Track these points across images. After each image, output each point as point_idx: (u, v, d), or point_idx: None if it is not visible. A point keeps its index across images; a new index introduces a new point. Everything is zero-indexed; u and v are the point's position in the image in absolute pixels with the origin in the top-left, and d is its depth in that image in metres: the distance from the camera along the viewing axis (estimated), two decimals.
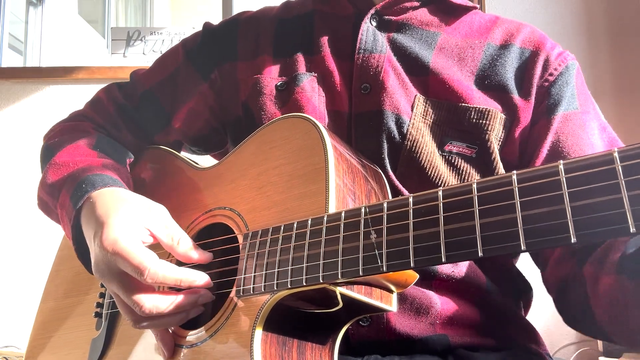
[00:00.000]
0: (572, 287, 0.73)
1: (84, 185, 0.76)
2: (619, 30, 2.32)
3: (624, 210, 0.37)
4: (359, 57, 0.81)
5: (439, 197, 0.48)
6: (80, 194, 0.75)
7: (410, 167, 0.76)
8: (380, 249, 0.51)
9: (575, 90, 0.81)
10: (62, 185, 0.80)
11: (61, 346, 0.88)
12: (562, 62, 0.81)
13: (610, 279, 0.64)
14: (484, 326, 0.77)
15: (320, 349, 0.64)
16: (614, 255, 0.65)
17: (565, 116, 0.78)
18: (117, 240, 0.64)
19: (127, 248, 0.63)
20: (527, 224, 0.42)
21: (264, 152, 0.72)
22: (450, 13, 0.87)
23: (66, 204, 0.77)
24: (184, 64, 0.95)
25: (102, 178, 0.77)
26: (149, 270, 0.62)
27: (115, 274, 0.65)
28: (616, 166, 0.38)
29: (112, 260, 0.64)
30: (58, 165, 0.83)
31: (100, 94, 1.01)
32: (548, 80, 0.80)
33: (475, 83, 0.80)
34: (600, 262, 0.67)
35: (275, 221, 0.65)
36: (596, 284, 0.67)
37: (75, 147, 0.87)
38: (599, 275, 0.66)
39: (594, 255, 0.69)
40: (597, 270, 0.67)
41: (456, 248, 0.45)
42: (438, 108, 0.78)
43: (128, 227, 0.67)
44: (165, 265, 0.63)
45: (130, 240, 0.65)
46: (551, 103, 0.79)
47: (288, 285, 0.58)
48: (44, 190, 0.85)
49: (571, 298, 0.73)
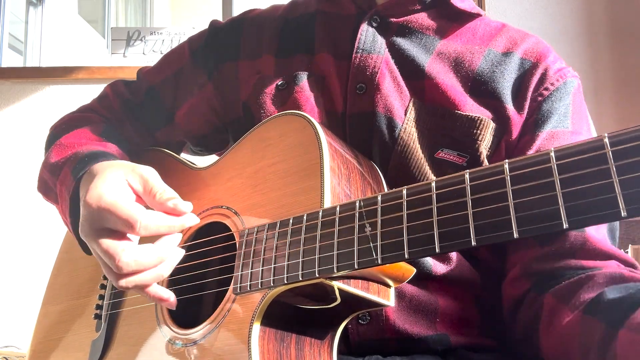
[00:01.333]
0: (524, 310, 0.73)
1: (86, 158, 0.75)
2: (619, 30, 2.32)
3: (615, 194, 0.37)
4: (356, 56, 0.80)
5: (432, 188, 0.48)
6: (81, 166, 0.74)
7: (399, 172, 0.76)
8: (374, 241, 0.51)
9: (570, 108, 0.78)
10: (65, 163, 0.79)
11: (62, 349, 0.88)
12: (560, 78, 0.79)
13: (575, 317, 0.63)
14: (484, 326, 0.77)
15: (319, 345, 0.64)
16: (585, 294, 0.64)
17: (552, 134, 0.76)
18: (101, 196, 0.63)
19: (114, 202, 0.62)
20: (519, 212, 0.42)
21: (260, 150, 0.73)
22: (454, 19, 0.85)
23: (67, 179, 0.77)
24: (188, 62, 0.95)
25: (105, 154, 0.77)
26: (140, 222, 0.60)
27: (96, 230, 0.63)
28: (607, 151, 0.38)
29: (97, 216, 0.63)
30: (63, 146, 0.83)
31: (107, 89, 1.02)
32: (542, 95, 0.78)
33: (470, 89, 0.79)
34: (567, 297, 0.66)
35: (272, 218, 0.65)
36: (554, 316, 0.66)
37: (82, 131, 0.87)
38: (561, 309, 0.66)
39: (560, 286, 0.68)
40: (560, 303, 0.66)
41: (450, 238, 0.45)
42: (431, 114, 0.77)
43: (112, 185, 0.65)
44: (154, 215, 0.62)
45: (116, 194, 0.63)
46: (539, 118, 0.77)
47: (284, 281, 0.58)
48: (45, 169, 0.85)
49: (519, 320, 0.73)
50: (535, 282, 0.72)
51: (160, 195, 0.65)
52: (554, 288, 0.69)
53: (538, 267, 0.72)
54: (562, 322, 0.65)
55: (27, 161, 2.43)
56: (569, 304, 0.65)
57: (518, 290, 0.74)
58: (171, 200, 0.65)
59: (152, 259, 0.62)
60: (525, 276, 0.73)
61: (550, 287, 0.69)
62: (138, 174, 0.68)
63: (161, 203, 0.65)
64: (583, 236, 0.71)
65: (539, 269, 0.72)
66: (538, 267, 0.72)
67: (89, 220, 0.64)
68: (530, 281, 0.73)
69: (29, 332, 0.96)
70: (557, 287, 0.68)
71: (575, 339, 0.62)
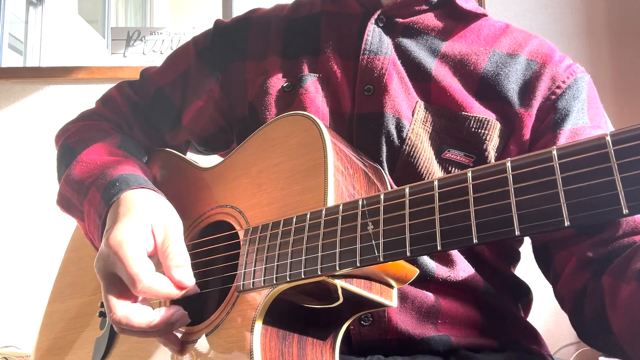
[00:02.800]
0: (588, 299, 0.71)
1: (117, 183, 0.75)
2: (619, 30, 2.32)
3: (616, 192, 0.37)
4: (363, 57, 0.80)
5: (434, 187, 0.49)
6: (113, 191, 0.74)
7: (407, 172, 0.76)
8: (377, 239, 0.51)
9: (585, 104, 0.78)
10: (92, 182, 0.78)
11: (67, 346, 0.88)
12: (570, 75, 0.79)
13: (631, 286, 0.62)
14: (485, 327, 0.77)
15: (321, 345, 0.64)
16: (636, 264, 0.63)
17: (574, 131, 0.75)
18: (122, 243, 0.63)
19: (129, 256, 0.63)
20: (521, 209, 0.42)
21: (265, 150, 0.73)
22: (459, 19, 0.85)
23: (96, 201, 0.76)
24: (195, 62, 0.95)
25: (136, 178, 0.77)
26: (143, 284, 0.61)
27: (107, 272, 0.65)
28: (609, 150, 0.38)
29: (111, 261, 0.64)
30: (86, 163, 0.82)
31: (112, 91, 1.01)
32: (555, 94, 0.78)
33: (476, 91, 0.79)
34: (621, 271, 0.65)
35: (276, 217, 0.65)
36: (615, 294, 0.65)
37: (102, 147, 0.86)
38: (619, 284, 0.64)
39: (613, 265, 0.67)
40: (617, 279, 0.65)
41: (451, 236, 0.46)
42: (438, 115, 0.77)
43: (136, 231, 0.66)
44: (158, 280, 0.63)
45: (134, 246, 0.64)
46: (557, 117, 0.76)
47: (287, 279, 0.58)
48: (68, 186, 0.84)
49: (587, 311, 0.71)
50: (594, 270, 0.71)
51: (170, 260, 0.65)
52: (610, 266, 0.68)
53: (594, 254, 0.71)
54: (623, 296, 0.63)
55: (27, 161, 2.43)
56: (624, 278, 0.64)
57: (579, 282, 0.72)
58: (177, 270, 0.65)
59: (142, 325, 0.63)
60: (583, 267, 0.72)
61: (607, 267, 0.68)
62: (163, 225, 0.68)
63: (168, 267, 0.65)
64: (634, 220, 0.70)
65: (595, 257, 0.71)
66: (594, 255, 0.71)
67: (105, 260, 0.65)
68: (589, 270, 0.71)
69: (29, 332, 0.96)
70: (611, 267, 0.68)
71: (638, 308, 0.61)
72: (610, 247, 0.70)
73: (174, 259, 0.65)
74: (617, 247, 0.69)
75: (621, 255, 0.68)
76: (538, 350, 0.81)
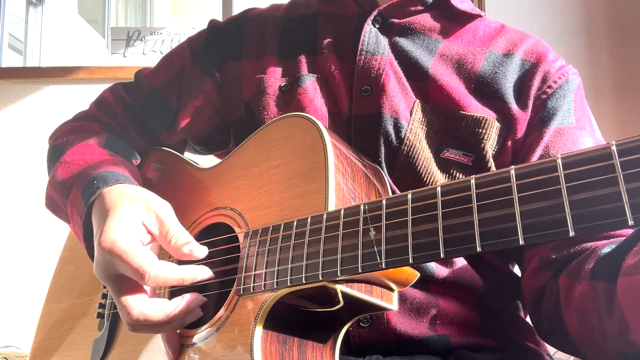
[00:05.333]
0: (546, 298, 0.73)
1: (95, 181, 0.74)
2: (619, 30, 2.32)
3: (622, 203, 0.37)
4: (360, 58, 0.80)
5: (437, 194, 0.48)
6: (91, 190, 0.74)
7: (406, 172, 0.76)
8: (379, 246, 0.51)
9: (572, 104, 0.80)
10: (73, 182, 0.78)
11: (64, 347, 0.88)
12: (562, 76, 0.81)
13: (584, 286, 0.64)
14: (484, 327, 0.77)
15: (321, 348, 0.64)
16: (589, 264, 0.65)
17: (558, 130, 0.77)
18: (115, 242, 0.63)
19: (126, 250, 0.62)
20: (525, 219, 0.42)
21: (265, 151, 0.73)
22: (455, 20, 0.86)
23: (77, 202, 0.76)
24: (190, 62, 0.95)
25: (114, 174, 0.76)
26: (150, 274, 0.60)
27: (110, 275, 0.64)
28: (614, 161, 0.38)
29: (110, 262, 0.63)
30: (68, 164, 0.82)
31: (105, 94, 1.00)
32: (546, 93, 0.79)
33: (473, 90, 0.80)
34: (576, 272, 0.67)
35: (276, 220, 0.65)
36: (569, 293, 0.67)
37: (85, 146, 0.86)
38: (573, 284, 0.66)
39: (569, 266, 0.69)
40: (572, 280, 0.67)
41: (455, 244, 0.45)
42: (436, 115, 0.78)
43: (126, 227, 0.65)
44: (165, 266, 0.62)
45: (129, 241, 0.63)
46: (545, 115, 0.78)
47: (288, 284, 0.58)
48: (53, 188, 0.84)
49: (544, 310, 0.73)
50: (555, 270, 0.72)
51: (175, 240, 0.65)
52: (567, 268, 0.69)
53: (556, 256, 0.73)
54: (576, 296, 0.65)
55: (27, 161, 2.42)
56: (578, 277, 0.66)
57: (539, 281, 0.74)
58: (187, 246, 0.65)
59: (160, 317, 0.62)
60: (545, 267, 0.74)
61: (565, 268, 0.70)
62: (153, 213, 0.67)
63: (177, 248, 0.65)
64: None
65: (556, 258, 0.72)
66: (556, 256, 0.73)
67: (104, 265, 0.64)
68: (549, 271, 0.73)
69: (29, 332, 0.96)
70: (568, 268, 0.69)
71: (589, 307, 0.62)
72: (573, 249, 0.71)
73: (178, 239, 0.65)
74: (578, 250, 0.71)
75: (580, 257, 0.69)
76: (537, 349, 0.81)
